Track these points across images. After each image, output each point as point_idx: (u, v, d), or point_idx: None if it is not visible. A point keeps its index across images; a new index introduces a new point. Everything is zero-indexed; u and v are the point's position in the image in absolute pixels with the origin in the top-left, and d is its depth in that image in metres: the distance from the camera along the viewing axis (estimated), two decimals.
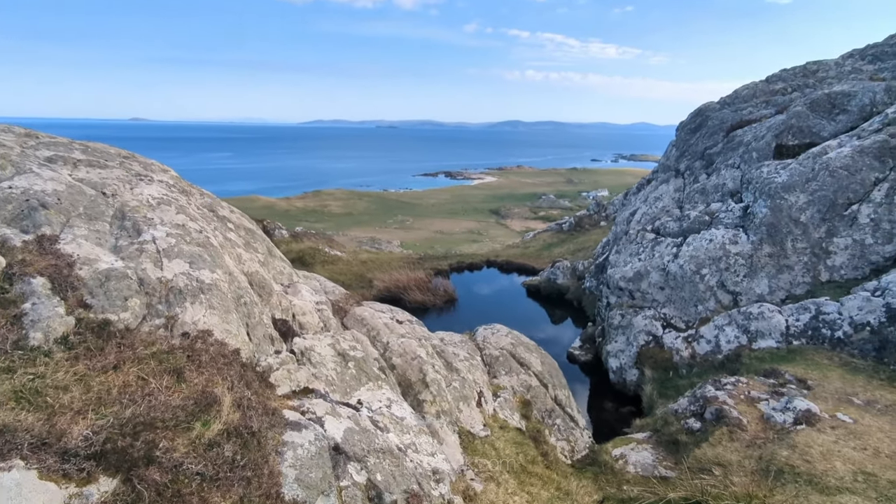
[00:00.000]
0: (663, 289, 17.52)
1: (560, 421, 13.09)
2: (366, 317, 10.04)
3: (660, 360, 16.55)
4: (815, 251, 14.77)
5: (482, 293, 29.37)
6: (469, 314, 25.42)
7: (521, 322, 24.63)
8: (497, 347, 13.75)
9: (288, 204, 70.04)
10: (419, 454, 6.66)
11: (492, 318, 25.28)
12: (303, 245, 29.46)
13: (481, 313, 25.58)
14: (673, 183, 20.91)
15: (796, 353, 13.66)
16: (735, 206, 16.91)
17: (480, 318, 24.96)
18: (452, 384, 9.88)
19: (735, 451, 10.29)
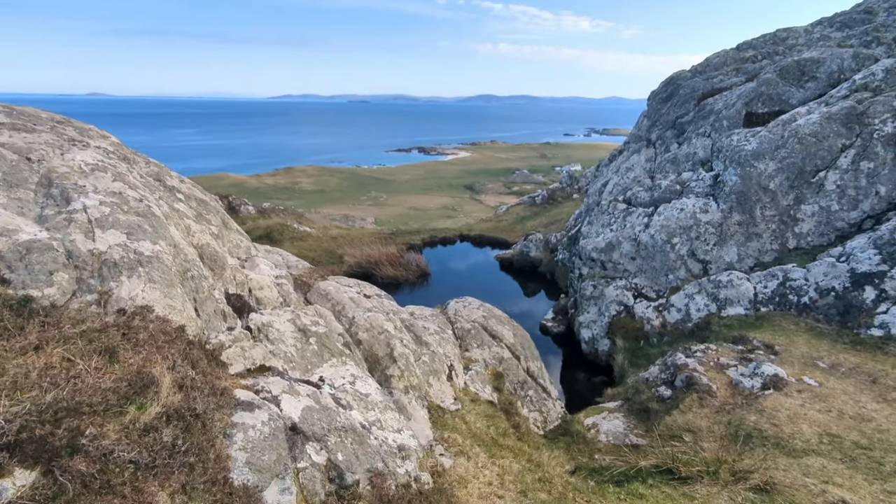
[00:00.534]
0: (635, 259, 17.51)
1: (532, 392, 13.02)
2: (330, 291, 9.65)
3: (631, 330, 16.62)
4: (783, 218, 14.85)
5: (455, 267, 29.16)
6: (442, 288, 25.18)
7: (495, 295, 24.53)
8: (469, 320, 13.54)
9: (258, 181, 68.33)
10: (384, 431, 6.40)
11: (465, 292, 25.11)
12: (270, 221, 28.67)
13: (455, 287, 25.36)
14: (644, 153, 20.81)
15: (764, 320, 13.81)
16: (706, 175, 16.88)
17: (454, 292, 24.76)
18: (422, 358, 9.62)
19: (705, 417, 10.34)
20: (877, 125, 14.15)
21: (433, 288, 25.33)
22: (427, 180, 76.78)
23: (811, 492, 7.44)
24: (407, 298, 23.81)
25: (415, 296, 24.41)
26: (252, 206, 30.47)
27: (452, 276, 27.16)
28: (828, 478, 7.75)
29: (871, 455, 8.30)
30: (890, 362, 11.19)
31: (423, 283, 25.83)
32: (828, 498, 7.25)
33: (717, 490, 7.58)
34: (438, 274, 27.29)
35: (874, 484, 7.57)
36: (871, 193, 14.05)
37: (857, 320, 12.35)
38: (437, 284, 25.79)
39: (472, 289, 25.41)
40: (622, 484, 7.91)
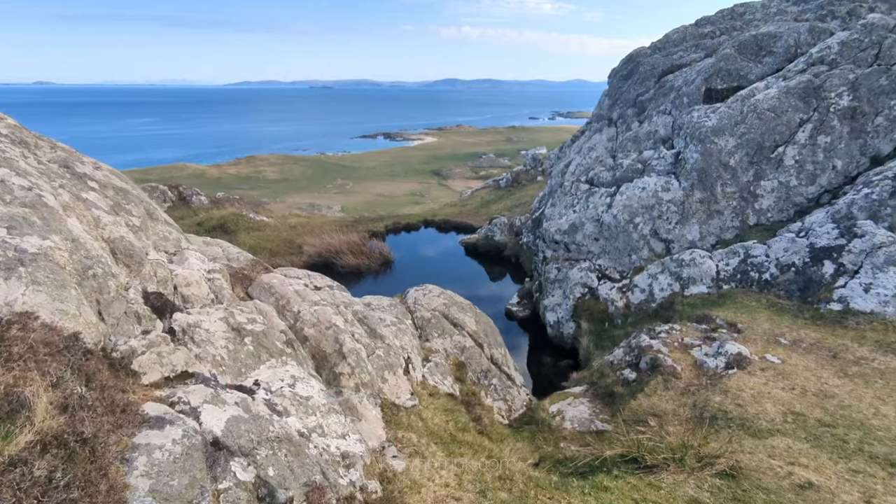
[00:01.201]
0: (598, 240, 17.25)
1: (496, 381, 12.63)
2: (274, 285, 8.96)
3: (596, 312, 16.40)
4: (743, 195, 14.75)
5: (420, 254, 28.58)
6: (406, 276, 24.59)
7: (460, 281, 24.11)
8: (429, 309, 13.02)
9: (220, 171, 66.02)
10: (326, 438, 5.83)
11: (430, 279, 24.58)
12: (225, 211, 27.47)
13: (419, 274, 24.79)
14: (606, 132, 20.52)
15: (727, 298, 13.71)
16: (667, 153, 16.66)
17: (418, 279, 24.18)
18: (376, 352, 9.06)
19: (670, 399, 10.11)
20: (833, 98, 14.09)
21: (397, 276, 24.72)
22: (393, 166, 75.73)
23: (777, 474, 7.22)
24: (370, 287, 23.17)
25: (378, 284, 23.78)
26: (205, 197, 29.13)
27: (417, 263, 26.60)
28: (793, 459, 7.56)
29: (834, 433, 8.17)
30: (849, 336, 11.18)
31: (386, 271, 25.19)
32: (794, 480, 7.04)
33: (684, 478, 7.30)
34: (402, 261, 26.69)
35: (839, 463, 7.41)
36: (828, 168, 14.03)
37: (817, 295, 12.32)
38: (401, 272, 25.20)
39: (437, 275, 24.92)
40: (587, 476, 7.56)
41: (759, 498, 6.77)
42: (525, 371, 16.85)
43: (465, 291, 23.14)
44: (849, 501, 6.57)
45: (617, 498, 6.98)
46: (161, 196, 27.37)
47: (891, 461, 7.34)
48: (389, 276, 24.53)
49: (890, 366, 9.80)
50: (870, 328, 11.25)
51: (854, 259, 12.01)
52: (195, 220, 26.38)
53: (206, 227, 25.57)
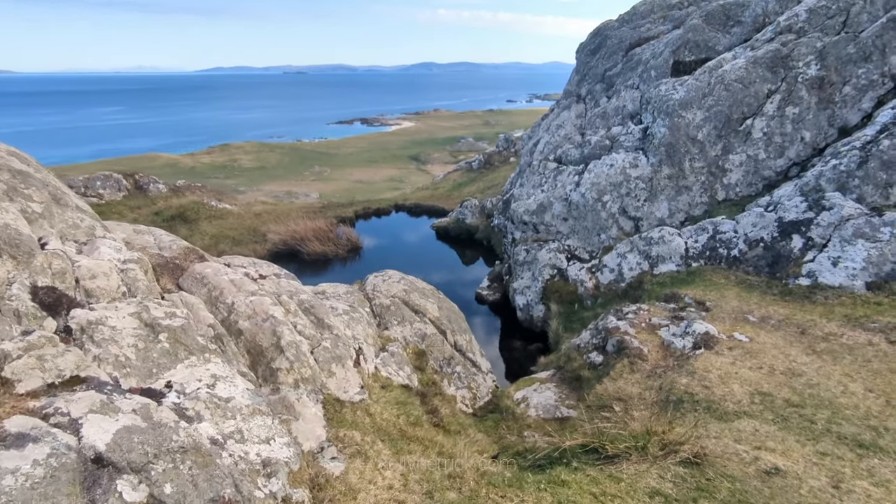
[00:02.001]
0: (566, 219, 16.78)
1: (460, 368, 12.13)
2: (207, 275, 8.25)
3: (565, 294, 15.99)
4: (711, 170, 14.36)
5: (390, 239, 27.89)
6: (375, 262, 23.93)
7: (431, 265, 23.55)
8: (388, 296, 12.41)
9: (193, 160, 64.03)
10: (246, 444, 5.22)
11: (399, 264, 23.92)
12: (184, 200, 26.36)
13: (389, 260, 24.17)
14: (574, 109, 19.98)
15: (695, 275, 13.37)
16: (635, 129, 16.19)
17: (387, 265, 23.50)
18: (322, 344, 8.44)
19: (636, 382, 9.71)
20: (801, 68, 13.71)
21: (365, 262, 24.04)
22: (371, 152, 74.56)
23: (743, 460, 6.83)
24: (337, 274, 22.48)
25: (346, 271, 23.09)
26: (163, 185, 27.92)
27: (386, 249, 25.93)
28: (760, 443, 7.19)
29: (802, 413, 7.83)
30: (818, 311, 10.90)
31: (354, 257, 24.48)
32: (760, 466, 6.66)
33: (646, 467, 6.87)
34: (371, 247, 26.00)
35: (806, 446, 7.05)
36: (796, 140, 13.69)
37: (786, 270, 12.02)
38: (370, 258, 24.52)
39: (407, 260, 24.32)
40: (544, 469, 7.09)
41: (723, 487, 6.37)
42: (496, 356, 16.42)
43: (436, 276, 22.61)
44: (816, 487, 6.20)
45: (575, 492, 6.53)
46: (115, 185, 26.11)
47: (858, 442, 7.00)
48: (358, 263, 23.83)
49: (858, 341, 9.52)
50: (838, 303, 10.98)
51: (822, 232, 11.71)
52: (152, 209, 25.27)
53: (163, 217, 24.50)
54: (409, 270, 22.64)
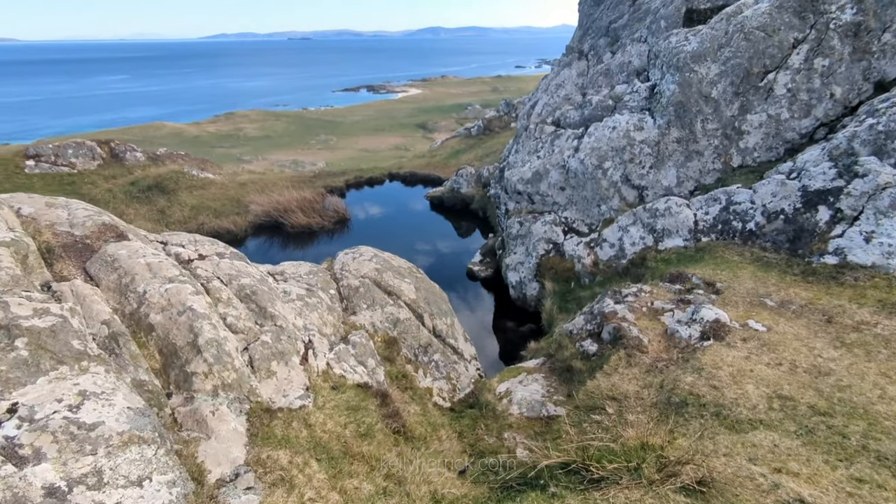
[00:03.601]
0: (564, 189, 15.25)
1: (439, 356, 10.86)
2: (120, 257, 6.92)
3: (561, 271, 14.59)
4: (726, 132, 12.72)
5: (382, 210, 26.46)
6: (364, 235, 22.62)
7: (422, 238, 22.18)
8: (357, 276, 11.08)
9: (198, 129, 62.51)
10: (104, 489, 3.96)
11: (389, 237, 22.60)
12: (163, 169, 24.95)
13: (378, 232, 22.85)
14: (576, 66, 18.16)
15: (705, 252, 11.90)
16: (641, 87, 14.47)
17: (376, 237, 22.23)
18: (261, 338, 7.15)
19: (633, 379, 8.40)
20: (833, 12, 11.89)
21: (353, 235, 22.70)
22: (378, 120, 72.70)
23: (759, 487, 5.52)
24: (322, 248, 21.21)
25: (332, 244, 21.78)
26: (141, 153, 26.47)
27: (377, 220, 24.54)
28: (780, 463, 5.86)
29: (831, 424, 6.48)
30: (846, 295, 9.43)
31: (341, 229, 23.13)
32: (781, 496, 5.35)
33: (639, 496, 5.58)
34: (361, 218, 24.61)
35: (838, 468, 5.72)
36: (825, 96, 11.98)
37: (809, 246, 10.52)
38: (359, 230, 23.17)
39: (398, 232, 22.95)
40: (515, 497, 5.84)
41: None
42: (486, 338, 15.17)
43: (426, 250, 21.26)
44: None
45: None
46: (89, 153, 24.68)
47: None
48: (345, 235, 22.50)
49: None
50: (871, 285, 9.49)
51: (854, 203, 10.15)
52: (128, 179, 23.90)
53: (140, 187, 23.15)
54: (398, 243, 21.34)
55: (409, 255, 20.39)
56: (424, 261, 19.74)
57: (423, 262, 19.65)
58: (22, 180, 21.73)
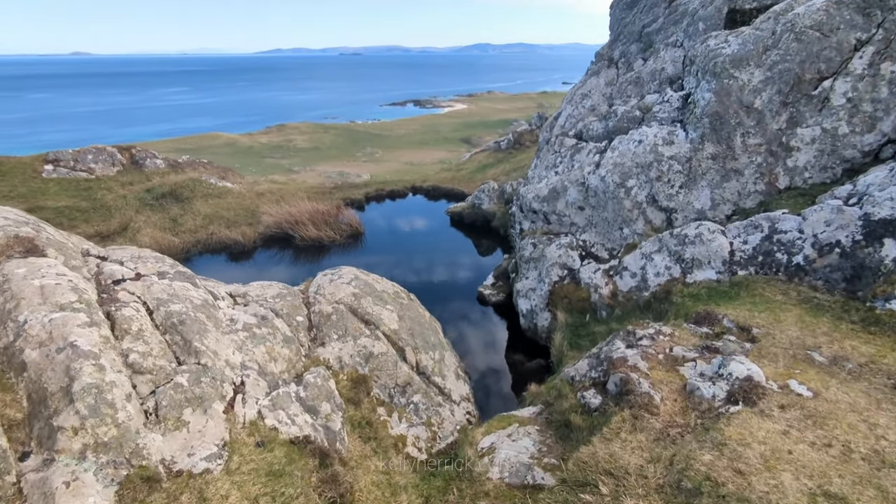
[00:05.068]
0: (583, 209, 13.65)
1: (420, 398, 9.45)
2: (13, 277, 5.87)
3: (575, 301, 12.96)
4: (771, 148, 10.90)
5: (400, 225, 25.31)
6: (376, 251, 21.47)
7: (437, 256, 20.86)
8: (332, 301, 9.82)
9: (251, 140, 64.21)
10: None
11: (402, 254, 21.36)
12: (181, 177, 24.61)
13: (391, 249, 21.66)
14: (604, 75, 16.58)
15: (741, 288, 10.07)
16: (673, 96, 12.80)
17: (387, 254, 21.05)
18: (174, 380, 5.94)
19: (638, 448, 6.75)
20: None
21: (365, 250, 21.58)
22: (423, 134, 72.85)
23: None
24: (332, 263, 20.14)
25: (342, 259, 20.71)
26: (162, 160, 26.32)
27: (392, 236, 23.36)
28: None
29: None
30: None
31: (354, 244, 22.06)
32: None
33: None
34: (377, 233, 23.50)
35: None
36: (893, 108, 10.04)
37: (872, 288, 8.60)
38: (372, 246, 22.03)
39: (412, 250, 21.69)
40: None
41: None
42: (491, 374, 13.63)
43: (439, 269, 19.90)
44: None
45: None
46: (109, 159, 24.64)
47: None
48: (357, 251, 21.40)
49: None
50: None
51: None
52: (145, 185, 23.63)
53: (154, 194, 22.81)
54: (410, 261, 20.07)
55: (419, 275, 19.19)
56: (435, 281, 18.40)
57: (434, 282, 18.31)
58: (38, 184, 21.74)
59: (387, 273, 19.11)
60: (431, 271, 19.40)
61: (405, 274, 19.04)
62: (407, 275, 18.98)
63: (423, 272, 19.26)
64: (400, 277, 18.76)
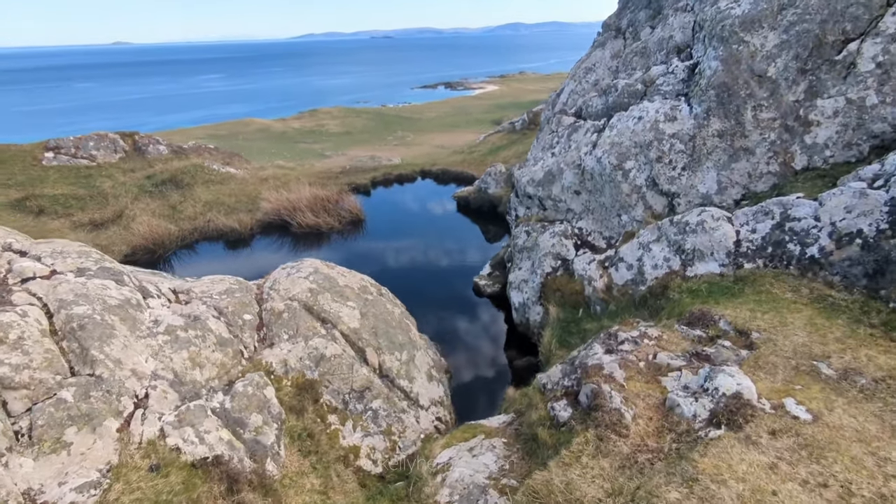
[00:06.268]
0: (579, 193, 12.49)
1: (380, 403, 8.64)
2: None
3: (568, 294, 11.90)
4: (787, 123, 9.53)
5: (404, 210, 24.43)
6: (376, 238, 20.71)
7: (438, 243, 19.96)
8: (286, 297, 9.04)
9: (284, 125, 64.63)
10: None
11: (403, 241, 20.50)
12: (183, 163, 24.23)
13: (392, 235, 20.85)
14: (610, 46, 15.16)
15: (746, 283, 8.83)
16: (679, 66, 11.44)
17: (387, 242, 20.25)
18: (58, 394, 5.26)
19: (598, 477, 5.79)
20: None
21: (364, 238, 20.83)
22: (454, 117, 71.96)
23: None
24: (330, 251, 19.51)
25: (341, 246, 20.02)
26: (165, 146, 26.01)
27: (394, 222, 22.51)
28: None
29: None
30: None
31: (354, 231, 21.32)
32: None
33: None
34: (379, 219, 22.70)
35: None
36: None
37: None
38: (372, 233, 21.26)
39: (414, 236, 20.82)
40: None
41: None
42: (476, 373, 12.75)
43: (438, 257, 18.99)
44: None
45: None
46: (111, 146, 24.42)
47: None
48: (355, 238, 20.65)
49: None
50: None
51: None
52: (146, 172, 23.35)
53: (154, 181, 22.52)
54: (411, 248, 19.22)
55: (416, 264, 18.32)
56: (431, 270, 17.52)
57: (429, 272, 17.43)
58: (37, 172, 21.68)
59: (382, 262, 18.47)
60: (429, 260, 18.52)
61: (402, 262, 18.23)
62: (403, 263, 18.18)
63: (420, 261, 18.40)
64: (395, 266, 17.99)
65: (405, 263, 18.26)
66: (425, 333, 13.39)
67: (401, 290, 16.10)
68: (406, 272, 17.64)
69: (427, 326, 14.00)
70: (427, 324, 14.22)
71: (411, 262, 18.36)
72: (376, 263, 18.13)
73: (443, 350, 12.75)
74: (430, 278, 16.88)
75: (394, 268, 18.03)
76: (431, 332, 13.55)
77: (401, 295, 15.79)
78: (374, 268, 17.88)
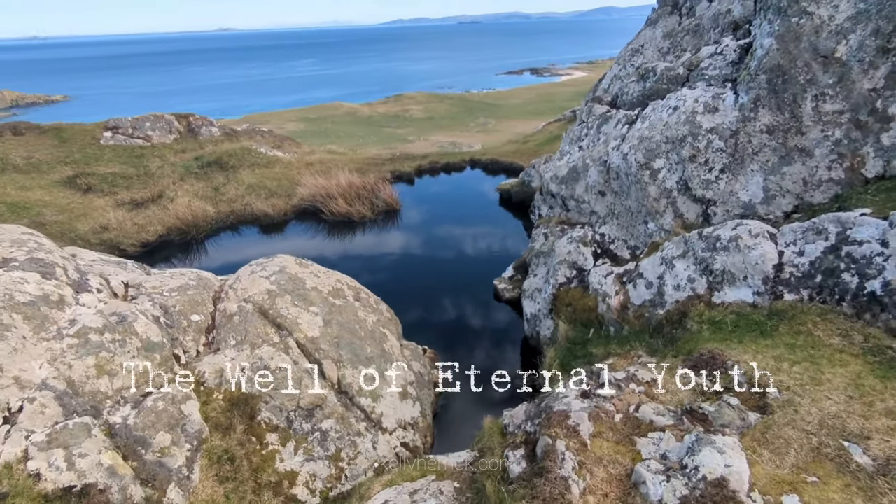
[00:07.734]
0: (604, 194, 10.87)
1: (332, 424, 7.73)
2: None
3: (580, 310, 10.38)
4: (858, 118, 7.48)
5: (444, 201, 23.31)
6: (406, 231, 19.83)
7: (472, 240, 18.77)
8: (241, 298, 8.31)
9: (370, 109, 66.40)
10: None
11: (434, 235, 19.42)
12: (232, 146, 24.50)
13: (423, 229, 19.92)
14: (662, 24, 13.12)
15: (783, 319, 6.99)
16: (731, 45, 9.47)
17: (417, 235, 19.29)
18: None
19: None
20: None
21: (397, 229, 19.98)
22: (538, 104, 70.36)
23: None
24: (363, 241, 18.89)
25: (373, 237, 19.32)
26: (217, 129, 26.45)
27: (431, 214, 21.46)
28: None
29: None
30: None
31: (388, 221, 20.53)
32: None
33: None
34: (416, 211, 21.76)
35: None
36: None
37: None
38: (406, 225, 20.38)
39: (449, 230, 19.75)
40: None
41: None
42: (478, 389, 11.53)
43: (467, 255, 17.75)
44: None
45: None
46: (166, 126, 25.16)
47: None
48: (387, 229, 19.85)
49: None
50: None
51: None
52: (196, 153, 23.82)
53: (201, 163, 22.88)
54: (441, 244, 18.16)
55: (440, 260, 17.21)
56: (454, 270, 16.38)
57: (452, 271, 16.31)
58: (94, 151, 22.72)
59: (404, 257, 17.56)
60: (455, 257, 17.38)
61: (425, 258, 17.23)
62: (426, 259, 17.17)
63: (445, 257, 17.30)
64: (417, 262, 17.02)
65: (428, 259, 17.26)
66: (429, 338, 12.35)
67: (414, 289, 15.18)
68: (426, 269, 16.64)
69: (432, 331, 12.94)
70: (432, 328, 13.16)
71: (435, 258, 17.31)
72: (396, 258, 17.28)
73: (442, 359, 11.67)
74: (451, 277, 15.76)
75: (414, 263, 17.08)
76: (434, 339, 12.49)
77: (413, 295, 14.84)
78: (392, 263, 17.01)
